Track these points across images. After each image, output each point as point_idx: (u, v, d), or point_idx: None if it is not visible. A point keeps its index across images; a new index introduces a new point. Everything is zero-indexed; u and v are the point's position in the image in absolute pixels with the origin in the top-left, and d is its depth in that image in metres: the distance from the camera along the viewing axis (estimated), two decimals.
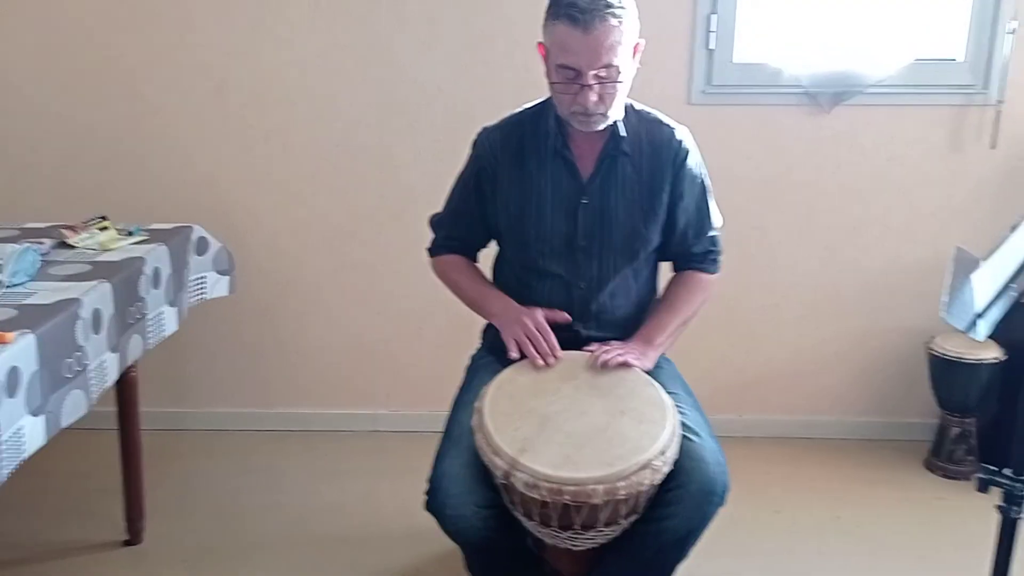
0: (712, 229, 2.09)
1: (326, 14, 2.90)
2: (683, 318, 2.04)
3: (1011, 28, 2.80)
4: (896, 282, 3.06)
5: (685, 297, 2.06)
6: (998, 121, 2.89)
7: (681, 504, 1.74)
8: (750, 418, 3.20)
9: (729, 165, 2.92)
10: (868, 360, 3.15)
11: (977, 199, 2.98)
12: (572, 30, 1.76)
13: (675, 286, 2.10)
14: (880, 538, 2.62)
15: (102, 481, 2.76)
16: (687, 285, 2.08)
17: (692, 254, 2.08)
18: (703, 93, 2.92)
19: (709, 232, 2.08)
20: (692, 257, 2.09)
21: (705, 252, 2.09)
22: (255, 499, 2.81)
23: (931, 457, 3.01)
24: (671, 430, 1.72)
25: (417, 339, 3.16)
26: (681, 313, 2.04)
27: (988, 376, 2.84)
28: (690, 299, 2.06)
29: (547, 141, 1.97)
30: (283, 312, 3.16)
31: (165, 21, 2.91)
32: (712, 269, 2.10)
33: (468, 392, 1.98)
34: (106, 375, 2.03)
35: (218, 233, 2.60)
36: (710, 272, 2.10)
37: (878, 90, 2.86)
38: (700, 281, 2.09)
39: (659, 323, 2.01)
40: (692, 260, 2.09)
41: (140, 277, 2.19)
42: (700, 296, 2.08)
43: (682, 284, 2.09)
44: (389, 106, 2.97)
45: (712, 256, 2.10)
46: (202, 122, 3.00)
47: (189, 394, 3.24)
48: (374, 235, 3.08)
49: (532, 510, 1.68)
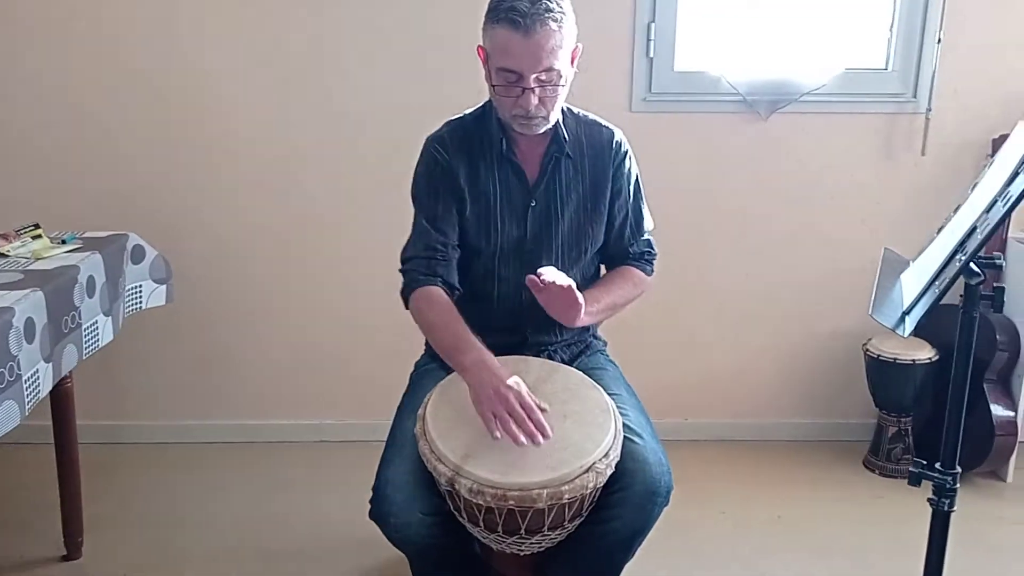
0: (646, 231, 2.12)
1: (268, 20, 2.88)
2: (614, 300, 2.00)
3: (938, 38, 2.89)
4: (832, 286, 3.13)
5: (620, 283, 2.05)
6: (927, 129, 2.97)
7: (625, 506, 1.75)
8: (695, 422, 3.24)
9: (669, 172, 2.96)
10: (807, 363, 3.22)
11: (908, 205, 3.06)
12: (513, 34, 1.77)
13: (612, 273, 2.10)
14: (820, 536, 2.67)
15: (39, 496, 2.69)
16: (623, 275, 2.08)
17: (629, 254, 2.10)
18: (644, 101, 2.96)
19: (643, 234, 2.12)
20: (629, 256, 2.11)
21: (641, 253, 2.11)
22: (196, 512, 2.76)
23: (869, 456, 3.08)
24: (613, 433, 1.73)
25: (362, 347, 3.13)
26: (613, 294, 2.01)
27: (922, 376, 2.92)
28: (624, 286, 2.05)
29: (492, 146, 1.98)
30: (224, 322, 3.12)
31: (101, 27, 2.86)
32: (647, 269, 2.12)
33: (412, 399, 1.97)
34: (40, 386, 1.98)
35: (155, 241, 2.56)
36: (645, 272, 2.12)
37: (813, 98, 2.93)
38: (634, 275, 2.09)
39: (593, 296, 1.96)
40: (628, 259, 2.11)
41: (74, 286, 2.14)
42: (633, 289, 2.07)
43: (619, 273, 2.09)
44: (333, 113, 2.95)
45: (648, 257, 2.12)
46: (139, 129, 2.95)
47: (127, 407, 3.17)
48: (317, 243, 3.05)
49: (477, 516, 1.68)
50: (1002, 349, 2.86)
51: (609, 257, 2.12)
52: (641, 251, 2.11)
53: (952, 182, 2.99)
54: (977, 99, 2.98)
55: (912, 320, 1.59)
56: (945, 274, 1.57)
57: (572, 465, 1.64)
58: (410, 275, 1.96)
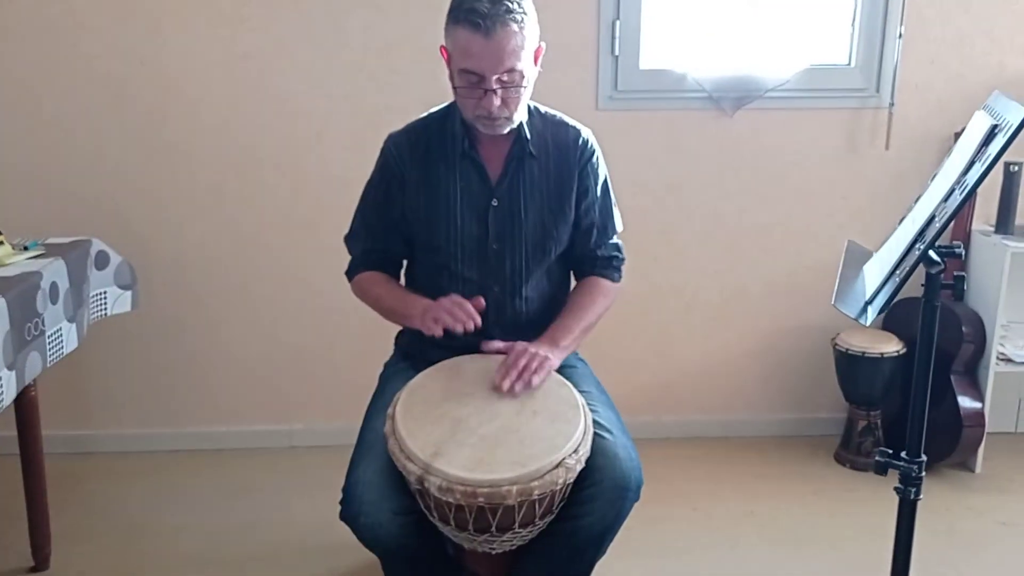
0: (615, 233, 2.12)
1: (227, 23, 2.86)
2: (587, 323, 2.03)
3: (899, 33, 2.92)
4: (800, 281, 3.16)
5: (589, 302, 2.05)
6: (890, 123, 3.01)
7: (596, 502, 1.76)
8: (667, 419, 3.25)
9: (636, 169, 2.98)
10: (777, 358, 3.24)
11: (873, 199, 3.10)
12: (473, 35, 1.77)
13: (579, 292, 2.10)
14: (793, 530, 2.68)
15: (5, 507, 2.66)
16: (591, 291, 2.08)
17: (596, 258, 2.10)
18: (610, 99, 2.97)
19: (612, 236, 2.11)
20: (596, 262, 2.10)
21: (609, 258, 2.11)
22: (165, 520, 2.73)
23: (840, 450, 3.10)
24: (583, 428, 1.73)
25: (331, 349, 3.12)
26: (585, 318, 2.02)
27: (891, 369, 2.94)
28: (593, 304, 2.05)
29: (454, 144, 1.97)
30: (190, 327, 3.09)
31: (60, 29, 2.83)
32: (614, 276, 2.12)
33: (381, 399, 1.96)
34: (3, 394, 1.95)
35: (119, 246, 2.53)
36: (612, 280, 2.11)
37: (777, 95, 2.95)
38: (603, 287, 2.09)
39: (565, 326, 2.00)
40: (596, 265, 2.10)
41: (37, 292, 2.11)
42: (602, 302, 2.07)
43: (586, 290, 2.09)
44: (295, 114, 2.94)
45: (615, 263, 2.12)
46: (100, 133, 2.91)
47: (93, 415, 3.13)
48: (283, 245, 3.04)
49: (448, 514, 1.67)
50: (968, 341, 2.89)
51: (576, 260, 2.12)
52: (609, 255, 2.10)
53: (916, 175, 3.04)
54: (938, 93, 3.02)
55: (874, 309, 1.61)
56: (905, 263, 1.59)
57: (542, 461, 1.63)
58: (357, 263, 2.12)
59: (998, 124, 1.54)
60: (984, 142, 1.55)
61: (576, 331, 2.00)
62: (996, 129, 1.54)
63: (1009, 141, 1.48)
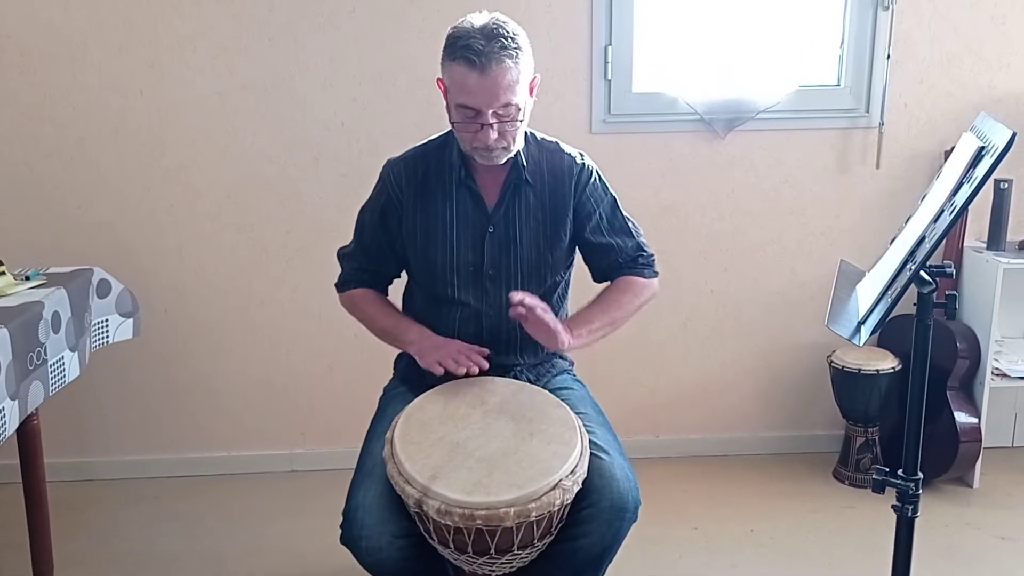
0: (634, 237, 2.11)
1: (225, 53, 2.89)
2: (612, 317, 2.02)
3: (888, 54, 2.96)
4: (794, 299, 3.18)
5: (615, 297, 2.05)
6: (880, 143, 3.04)
7: (594, 522, 1.77)
8: (665, 439, 3.27)
9: (630, 191, 2.96)
10: (773, 376, 3.26)
11: (865, 217, 3.13)
12: (469, 71, 1.80)
13: (609, 288, 2.10)
14: (792, 548, 2.69)
15: (8, 536, 2.66)
16: (619, 287, 2.08)
17: (621, 265, 2.10)
18: (603, 122, 3.00)
19: (631, 244, 2.10)
20: (623, 267, 2.10)
21: (634, 259, 2.10)
22: (168, 547, 2.74)
23: (838, 467, 3.11)
24: (580, 450, 1.75)
25: (330, 374, 3.13)
26: (610, 311, 2.02)
27: (886, 385, 2.96)
28: (620, 299, 2.05)
29: (451, 172, 2.00)
30: (191, 353, 3.10)
31: (59, 61, 2.86)
32: (646, 272, 2.10)
33: (381, 423, 1.97)
34: (6, 424, 1.97)
35: (120, 275, 2.55)
36: (644, 276, 2.10)
37: (768, 116, 2.98)
38: (633, 284, 2.08)
39: (585, 316, 2.00)
40: (623, 269, 2.10)
41: (39, 322, 2.13)
42: (633, 298, 2.06)
43: (615, 286, 2.09)
44: (292, 143, 2.97)
45: (643, 260, 2.11)
46: (101, 163, 2.94)
47: (95, 442, 3.14)
48: (281, 272, 3.06)
49: (447, 537, 1.69)
50: (963, 357, 2.91)
51: (604, 275, 2.12)
52: (633, 256, 2.10)
53: (907, 193, 3.07)
54: (928, 112, 3.05)
55: (867, 329, 1.63)
56: (897, 283, 1.61)
57: (539, 483, 1.65)
58: (347, 277, 2.15)
59: (985, 146, 1.57)
60: (972, 164, 1.58)
61: (596, 323, 1.99)
62: (983, 151, 1.56)
63: (996, 163, 1.50)
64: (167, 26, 2.86)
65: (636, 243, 2.11)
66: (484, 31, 1.80)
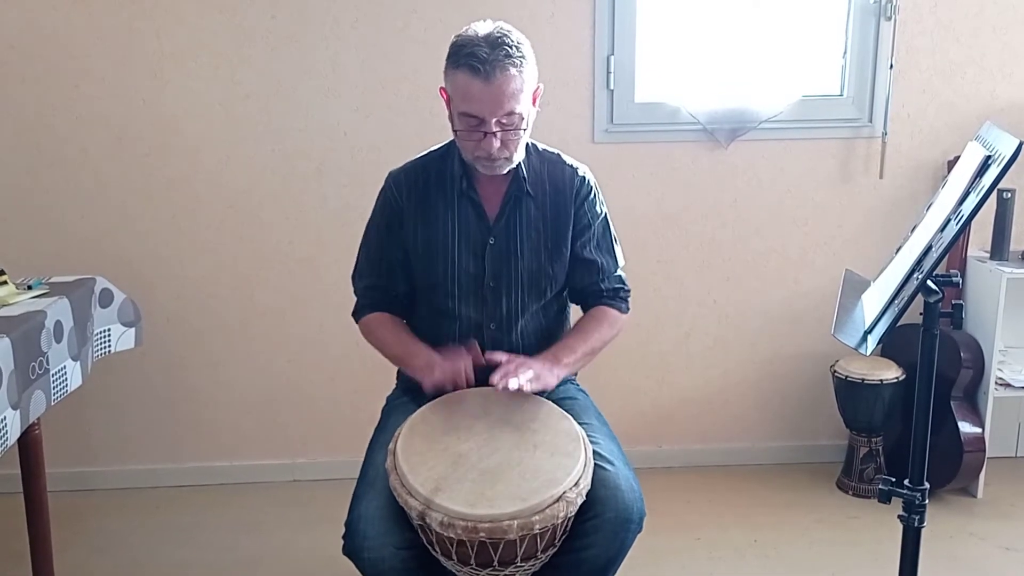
0: (617, 268, 2.13)
1: (228, 63, 2.89)
2: (591, 346, 2.04)
3: (890, 64, 2.96)
4: (797, 309, 3.17)
5: (594, 327, 2.07)
6: (884, 152, 3.04)
7: (599, 533, 1.76)
8: (669, 449, 3.26)
9: (633, 201, 3.01)
10: (776, 386, 3.25)
11: (869, 227, 3.12)
12: (473, 80, 1.80)
13: (585, 318, 2.12)
14: (796, 559, 2.68)
15: (9, 546, 2.66)
16: (598, 317, 2.10)
17: (601, 291, 2.11)
18: (606, 132, 3.00)
19: (615, 270, 2.12)
20: (602, 294, 2.11)
21: (615, 289, 2.12)
22: (169, 557, 2.73)
23: (842, 477, 3.10)
24: (584, 461, 1.74)
25: (332, 384, 3.12)
26: (590, 341, 2.04)
27: (890, 395, 2.95)
28: (599, 329, 2.06)
29: (453, 183, 2.00)
30: (193, 363, 3.10)
31: (62, 71, 2.86)
32: (621, 307, 2.12)
33: (383, 433, 1.97)
34: (7, 433, 1.96)
35: (122, 284, 2.55)
36: (620, 310, 2.12)
37: (771, 125, 2.99)
38: (610, 316, 2.10)
39: (568, 345, 2.01)
40: (602, 297, 2.11)
41: (41, 331, 2.12)
42: (609, 330, 2.08)
43: (593, 316, 2.11)
44: (295, 152, 2.97)
45: (621, 294, 2.13)
46: (103, 172, 2.94)
47: (97, 452, 3.13)
48: (284, 281, 3.05)
49: (450, 549, 1.68)
50: (967, 366, 2.90)
51: (581, 295, 2.13)
52: (614, 287, 2.11)
53: (910, 203, 3.07)
54: (931, 122, 3.05)
55: (874, 338, 1.62)
56: (903, 293, 1.60)
57: (542, 495, 1.64)
58: (362, 303, 2.13)
59: (991, 155, 1.56)
60: (978, 173, 1.57)
61: (579, 351, 2.01)
62: (989, 160, 1.56)
63: (1003, 172, 1.50)
64: (170, 36, 2.86)
65: (618, 274, 2.13)
66: (488, 39, 1.80)
